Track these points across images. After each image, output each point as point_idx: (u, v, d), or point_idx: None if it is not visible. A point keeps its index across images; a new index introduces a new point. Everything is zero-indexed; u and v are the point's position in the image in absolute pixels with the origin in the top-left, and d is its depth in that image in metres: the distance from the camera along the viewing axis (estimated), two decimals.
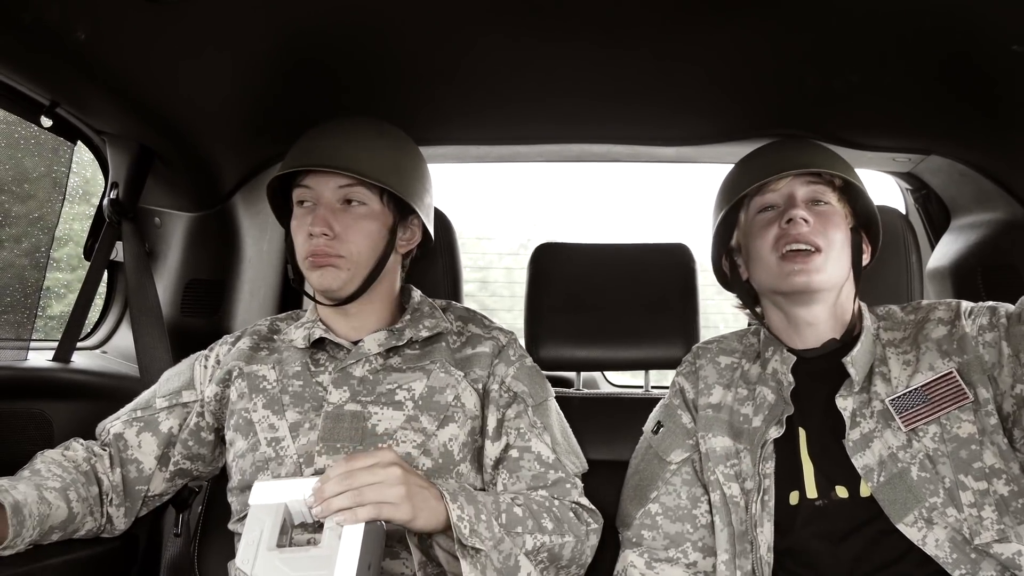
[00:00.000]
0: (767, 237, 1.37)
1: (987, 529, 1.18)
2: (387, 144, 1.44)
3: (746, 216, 1.44)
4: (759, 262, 1.39)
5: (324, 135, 1.43)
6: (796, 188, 1.38)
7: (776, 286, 1.37)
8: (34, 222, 1.80)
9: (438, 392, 1.40)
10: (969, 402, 1.26)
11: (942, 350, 1.32)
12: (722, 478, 1.36)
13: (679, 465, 1.42)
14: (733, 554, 1.32)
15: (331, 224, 1.39)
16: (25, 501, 1.27)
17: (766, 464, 1.32)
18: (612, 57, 1.49)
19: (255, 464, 1.39)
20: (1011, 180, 1.79)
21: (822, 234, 1.34)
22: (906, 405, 1.28)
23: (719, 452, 1.38)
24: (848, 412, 1.31)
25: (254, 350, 1.51)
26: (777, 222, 1.37)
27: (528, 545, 1.25)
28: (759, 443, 1.34)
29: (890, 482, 1.24)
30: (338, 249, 1.39)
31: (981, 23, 1.32)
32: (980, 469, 1.22)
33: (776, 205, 1.39)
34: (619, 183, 4.85)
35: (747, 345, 1.50)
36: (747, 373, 1.44)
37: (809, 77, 1.55)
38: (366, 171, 1.39)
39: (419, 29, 1.39)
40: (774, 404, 1.37)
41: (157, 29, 1.31)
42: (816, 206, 1.38)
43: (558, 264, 1.91)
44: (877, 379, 1.33)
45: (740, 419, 1.39)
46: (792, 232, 1.34)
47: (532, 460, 1.39)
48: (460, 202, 4.68)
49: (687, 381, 1.49)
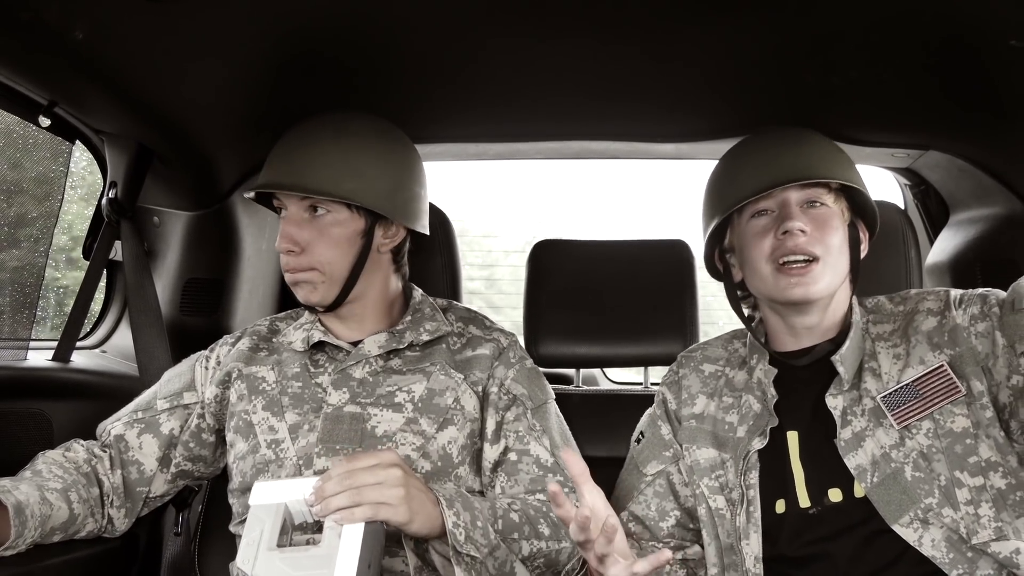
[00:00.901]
0: (762, 246, 1.32)
1: (984, 528, 1.16)
2: (348, 147, 1.39)
3: (739, 218, 1.39)
4: (754, 271, 1.35)
5: (285, 148, 1.41)
6: (791, 194, 1.32)
7: (772, 296, 1.33)
8: (33, 222, 1.80)
9: (438, 395, 1.40)
10: (962, 395, 1.23)
11: (933, 343, 1.29)
12: (707, 491, 1.34)
13: (653, 477, 1.41)
14: (721, 568, 1.31)
15: (296, 239, 1.37)
16: (27, 502, 1.27)
17: (750, 475, 1.31)
18: (610, 54, 1.49)
19: (255, 466, 1.38)
20: (1010, 175, 1.79)
21: (819, 241, 1.30)
22: (897, 402, 1.26)
23: (703, 464, 1.36)
24: (838, 411, 1.28)
25: (253, 351, 1.50)
26: (772, 231, 1.31)
27: (524, 551, 1.25)
28: (742, 454, 1.32)
29: (884, 483, 1.22)
30: (308, 262, 1.38)
31: (979, 18, 1.32)
32: (976, 463, 1.20)
33: (770, 210, 1.34)
34: (618, 180, 4.85)
35: (731, 351, 1.47)
36: (732, 380, 1.42)
37: (807, 73, 1.55)
38: (319, 185, 1.35)
39: (417, 28, 1.39)
40: (759, 414, 1.35)
41: (155, 28, 1.31)
42: (812, 208, 1.32)
43: (557, 261, 1.91)
44: (867, 375, 1.30)
45: (725, 428, 1.37)
46: (788, 244, 1.29)
47: (531, 463, 1.39)
48: (467, 200, 4.68)
49: (669, 391, 1.47)
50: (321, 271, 1.39)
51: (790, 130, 1.40)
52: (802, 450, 1.30)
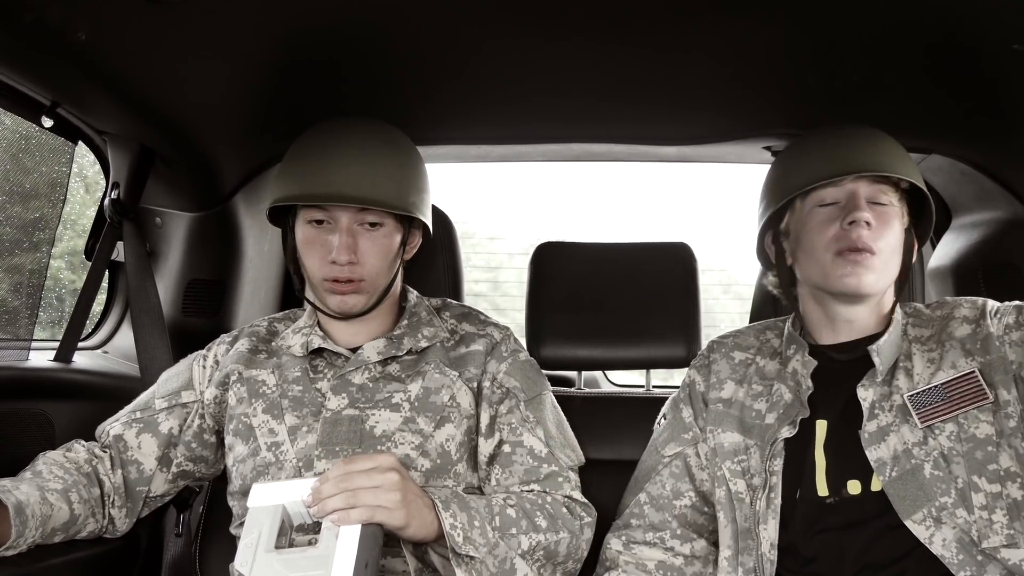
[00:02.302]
0: (825, 234, 1.32)
1: (996, 533, 1.17)
2: (395, 158, 1.40)
3: (802, 204, 1.38)
4: (811, 257, 1.35)
5: (334, 157, 1.37)
6: (860, 186, 1.32)
7: (825, 284, 1.33)
8: (36, 222, 1.81)
9: (433, 393, 1.40)
10: (989, 403, 1.24)
11: (965, 349, 1.30)
12: (728, 474, 1.36)
13: (671, 459, 1.44)
14: (736, 550, 1.32)
15: (355, 250, 1.37)
16: (28, 502, 1.27)
17: (775, 462, 1.32)
18: (613, 56, 1.49)
19: (255, 469, 1.39)
20: (1012, 179, 1.79)
21: (881, 237, 1.30)
22: (924, 402, 1.27)
23: (727, 448, 1.38)
24: (868, 403, 1.29)
25: (253, 352, 1.50)
26: (838, 220, 1.31)
27: (524, 545, 1.25)
28: (769, 440, 1.34)
29: (902, 478, 1.23)
30: (360, 273, 1.38)
31: (982, 23, 1.32)
32: (995, 471, 1.20)
33: (837, 201, 1.33)
34: (623, 183, 4.86)
35: (763, 341, 1.48)
36: (762, 369, 1.43)
37: (810, 77, 1.55)
38: (386, 199, 1.36)
39: (419, 29, 1.39)
40: (790, 404, 1.36)
41: (158, 29, 1.31)
42: (877, 206, 1.32)
43: (559, 263, 1.91)
44: (900, 373, 1.31)
45: (752, 415, 1.39)
46: (852, 235, 1.29)
47: (524, 454, 1.39)
48: (474, 202, 4.68)
49: (699, 374, 1.48)
50: (369, 281, 1.40)
51: (864, 127, 1.41)
52: (828, 440, 1.31)
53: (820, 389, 1.35)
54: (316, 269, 1.40)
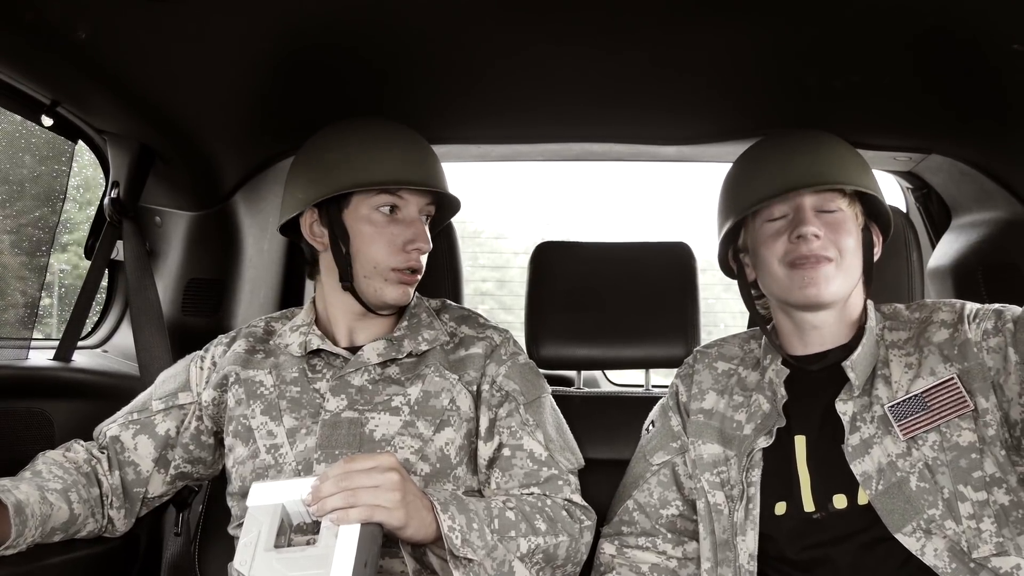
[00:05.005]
0: (775, 249, 1.33)
1: (985, 543, 1.16)
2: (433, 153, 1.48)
3: (753, 220, 1.39)
4: (767, 272, 1.36)
5: (409, 146, 1.43)
6: (805, 199, 1.33)
7: (787, 297, 1.34)
8: (35, 221, 1.81)
9: (433, 396, 1.40)
10: (970, 411, 1.23)
11: (944, 355, 1.28)
12: (707, 486, 1.36)
13: (659, 467, 1.43)
14: (715, 562, 1.32)
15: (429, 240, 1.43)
16: (27, 501, 1.27)
17: (752, 472, 1.31)
18: (613, 56, 1.49)
19: (255, 471, 1.38)
20: (1012, 179, 1.79)
21: (833, 244, 1.30)
22: (904, 413, 1.25)
23: (706, 459, 1.38)
24: (848, 417, 1.29)
25: (250, 353, 1.49)
26: (786, 234, 1.32)
27: (523, 548, 1.24)
28: (746, 451, 1.33)
29: (888, 491, 1.22)
30: (423, 262, 1.44)
31: (982, 22, 1.32)
32: (980, 478, 1.19)
33: (785, 215, 1.34)
34: (625, 183, 4.85)
35: (747, 352, 1.48)
36: (744, 380, 1.43)
37: (810, 76, 1.55)
38: (444, 186, 1.45)
39: (420, 29, 1.39)
40: (767, 414, 1.35)
41: (158, 28, 1.31)
42: (825, 214, 1.32)
43: (559, 262, 1.91)
44: (879, 382, 1.30)
45: (732, 426, 1.38)
46: (802, 249, 1.29)
47: (524, 458, 1.38)
48: (482, 202, 4.67)
49: (682, 384, 1.48)
50: (422, 272, 1.45)
51: (807, 133, 1.40)
52: (809, 455, 1.30)
53: (796, 401, 1.34)
54: (385, 258, 1.40)
